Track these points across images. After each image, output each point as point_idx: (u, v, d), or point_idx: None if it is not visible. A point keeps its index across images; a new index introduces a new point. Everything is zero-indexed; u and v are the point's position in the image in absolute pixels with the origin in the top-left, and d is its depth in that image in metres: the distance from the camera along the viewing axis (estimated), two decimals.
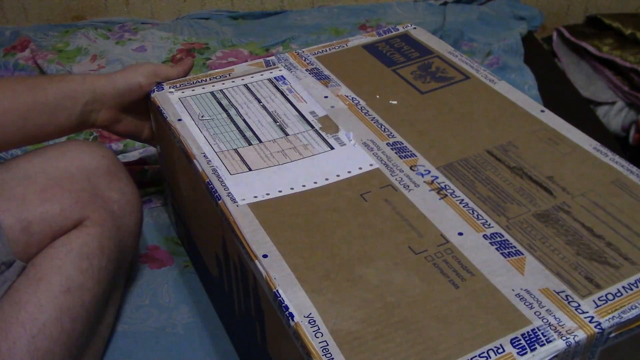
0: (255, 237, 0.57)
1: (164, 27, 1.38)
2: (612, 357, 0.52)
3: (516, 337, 0.48)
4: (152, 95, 0.77)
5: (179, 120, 0.72)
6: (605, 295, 0.51)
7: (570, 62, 1.32)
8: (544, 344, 0.48)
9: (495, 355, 0.47)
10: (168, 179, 0.84)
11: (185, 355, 0.71)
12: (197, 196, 0.70)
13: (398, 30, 0.90)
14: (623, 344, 0.51)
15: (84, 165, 0.69)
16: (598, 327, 0.49)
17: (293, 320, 0.50)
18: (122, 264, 0.72)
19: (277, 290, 0.52)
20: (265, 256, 0.55)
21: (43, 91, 0.70)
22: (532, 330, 0.49)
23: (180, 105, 0.75)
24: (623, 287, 0.52)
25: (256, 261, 0.55)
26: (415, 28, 0.91)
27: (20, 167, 0.67)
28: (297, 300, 0.51)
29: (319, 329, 0.49)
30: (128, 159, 0.96)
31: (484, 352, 0.47)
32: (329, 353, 0.47)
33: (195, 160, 0.66)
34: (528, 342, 0.48)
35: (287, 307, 0.51)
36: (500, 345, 0.48)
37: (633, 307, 0.50)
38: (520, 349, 0.47)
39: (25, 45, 1.28)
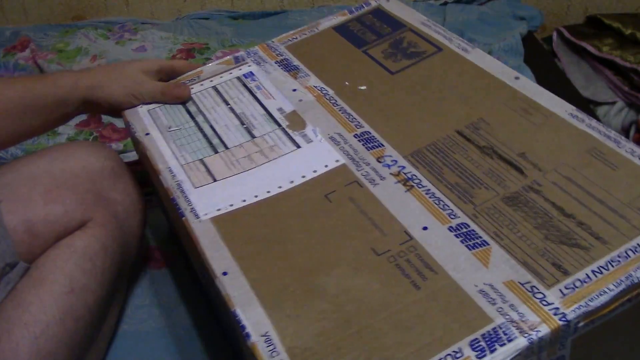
0: (216, 254, 0.56)
1: (164, 27, 1.38)
2: (586, 344, 0.49)
3: (476, 339, 0.46)
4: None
5: (147, 134, 0.72)
6: (573, 283, 0.49)
7: (570, 62, 1.29)
8: (504, 344, 0.46)
9: (454, 359, 0.46)
10: (154, 185, 0.84)
11: (185, 355, 0.71)
12: (172, 208, 0.69)
13: (370, 5, 0.87)
14: (596, 330, 0.49)
15: (88, 167, 0.69)
16: (563, 319, 0.47)
17: (250, 339, 0.49)
18: (125, 265, 0.72)
19: (234, 310, 0.51)
20: (225, 273, 0.55)
21: (37, 98, 0.70)
22: (493, 329, 0.47)
23: (148, 117, 0.74)
24: (592, 271, 0.49)
25: (216, 280, 0.54)
26: (388, 0, 0.87)
27: (24, 168, 0.67)
28: (255, 318, 0.51)
29: (275, 348, 0.48)
30: (128, 159, 0.95)
31: (442, 358, 0.46)
32: None
33: (160, 176, 0.66)
34: (488, 342, 0.46)
35: (244, 327, 0.50)
36: (459, 349, 0.46)
37: (601, 293, 0.48)
38: (480, 352, 0.46)
39: (25, 45, 1.28)
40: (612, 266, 0.49)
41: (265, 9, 1.44)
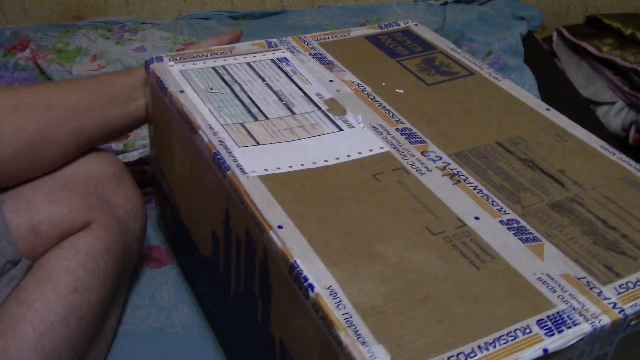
0: (268, 208, 0.55)
1: (164, 27, 1.37)
2: (628, 346, 0.51)
3: (542, 319, 0.47)
4: (151, 66, 0.74)
5: (181, 92, 0.70)
6: (626, 284, 0.51)
7: (570, 62, 1.33)
8: (571, 327, 0.47)
9: (523, 335, 0.46)
10: (159, 160, 0.80)
11: (184, 355, 0.71)
12: (197, 171, 0.67)
13: (400, 25, 0.90)
14: (639, 334, 0.51)
15: (91, 172, 0.70)
16: (622, 312, 0.48)
17: (313, 291, 0.47)
18: (126, 268, 0.73)
19: (294, 261, 0.50)
20: (280, 227, 0.53)
21: (113, 85, 0.73)
22: (558, 312, 0.48)
23: (181, 77, 0.72)
24: None
25: (271, 232, 0.53)
26: (416, 25, 0.90)
27: None
28: (316, 272, 0.49)
29: (341, 301, 0.47)
30: (128, 159, 0.95)
31: (511, 332, 0.46)
32: (353, 325, 0.45)
33: (200, 131, 0.64)
34: (555, 324, 0.47)
35: (306, 278, 0.48)
36: (528, 325, 0.47)
37: None
38: (548, 330, 0.46)
39: (25, 45, 1.26)
40: None
41: (265, 9, 1.44)
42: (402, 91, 0.74)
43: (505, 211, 0.58)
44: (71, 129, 0.69)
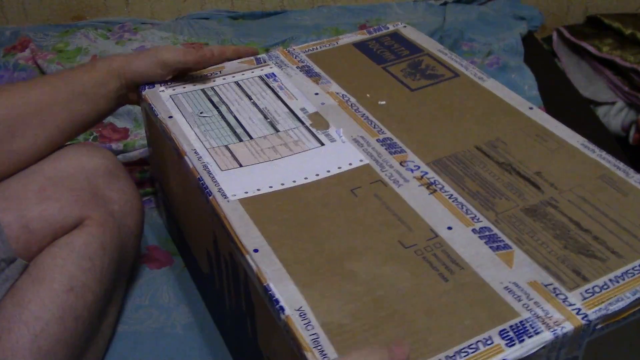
0: (246, 232, 0.57)
1: (164, 27, 1.38)
2: (598, 348, 0.52)
3: (504, 329, 0.49)
4: (143, 93, 0.77)
5: (170, 117, 0.73)
6: (592, 288, 0.52)
7: (570, 62, 1.32)
8: (532, 336, 0.48)
9: (484, 346, 0.48)
10: (159, 179, 0.84)
11: (184, 356, 0.71)
12: (188, 194, 0.70)
13: (388, 28, 0.91)
14: (609, 335, 0.52)
15: (82, 166, 0.70)
16: (585, 318, 0.50)
17: (284, 313, 0.50)
18: (123, 264, 0.72)
19: (267, 284, 0.52)
20: (256, 250, 0.55)
21: (80, 84, 0.72)
22: (520, 322, 0.49)
23: (171, 102, 0.75)
24: (610, 280, 0.53)
25: (247, 256, 0.55)
26: (405, 26, 0.91)
27: None
28: (287, 294, 0.52)
29: (310, 322, 0.49)
30: (128, 159, 0.96)
31: (473, 344, 0.48)
32: (320, 345, 0.48)
33: (186, 157, 0.67)
34: (516, 333, 0.48)
35: (277, 301, 0.51)
36: (489, 336, 0.48)
37: (619, 300, 0.51)
38: (509, 341, 0.48)
39: (25, 45, 1.28)
40: (628, 277, 0.53)
41: (265, 9, 1.45)
42: (384, 102, 0.75)
43: (478, 219, 0.59)
44: (36, 123, 0.69)
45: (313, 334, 0.48)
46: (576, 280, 0.53)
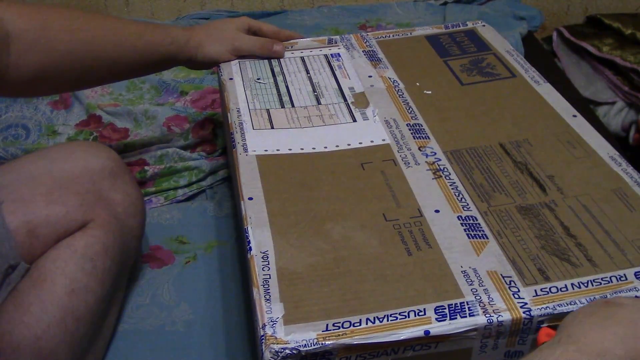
0: (249, 182, 0.63)
1: None
2: None
3: (441, 306, 0.50)
4: None
5: (230, 79, 0.80)
6: (550, 288, 0.52)
7: (570, 62, 1.27)
8: (466, 317, 0.50)
9: (415, 316, 0.50)
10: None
11: (185, 354, 0.71)
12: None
13: (467, 25, 0.92)
14: None
15: (88, 167, 0.69)
16: (527, 313, 0.50)
17: (250, 253, 0.56)
18: (125, 265, 0.72)
19: (246, 227, 0.58)
20: (250, 198, 0.61)
21: (151, 49, 0.79)
22: (461, 303, 0.51)
23: (237, 66, 0.83)
24: (572, 284, 0.52)
25: (242, 201, 0.61)
26: (484, 25, 0.92)
27: (24, 168, 0.68)
28: (259, 238, 0.57)
29: (268, 264, 0.54)
30: (128, 159, 0.94)
31: (405, 312, 0.50)
32: (267, 284, 0.52)
33: (228, 113, 0.74)
34: (451, 312, 0.50)
35: (249, 242, 0.57)
36: (424, 309, 0.50)
37: (571, 303, 0.50)
38: (441, 316, 0.50)
39: None
40: (593, 285, 0.52)
41: (265, 9, 1.44)
42: (430, 92, 0.77)
43: (468, 208, 0.60)
44: (106, 66, 0.77)
45: (266, 275, 0.53)
46: (537, 278, 0.53)
